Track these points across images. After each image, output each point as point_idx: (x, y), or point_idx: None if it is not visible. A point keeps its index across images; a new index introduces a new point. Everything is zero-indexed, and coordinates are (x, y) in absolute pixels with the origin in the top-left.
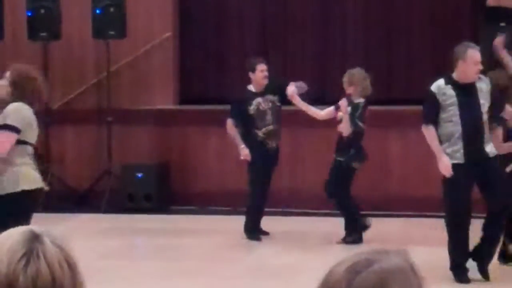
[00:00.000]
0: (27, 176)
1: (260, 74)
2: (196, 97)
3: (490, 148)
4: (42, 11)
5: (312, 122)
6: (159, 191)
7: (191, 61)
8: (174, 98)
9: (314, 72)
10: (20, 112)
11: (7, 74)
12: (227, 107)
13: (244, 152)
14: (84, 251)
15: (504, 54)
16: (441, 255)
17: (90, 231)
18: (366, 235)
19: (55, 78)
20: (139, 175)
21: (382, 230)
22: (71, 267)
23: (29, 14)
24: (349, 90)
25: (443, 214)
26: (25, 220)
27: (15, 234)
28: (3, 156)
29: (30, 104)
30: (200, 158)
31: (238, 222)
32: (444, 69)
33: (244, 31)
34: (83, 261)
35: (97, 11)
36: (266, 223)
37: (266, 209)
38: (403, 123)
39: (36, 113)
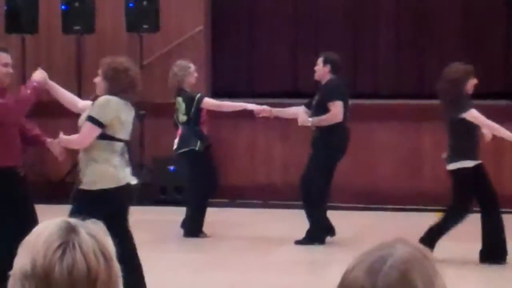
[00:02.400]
0: (105, 175)
1: None
2: (228, 90)
3: None
4: (77, 4)
5: None
6: None
7: (223, 54)
8: (205, 91)
9: (345, 67)
10: (108, 106)
11: (99, 70)
12: (258, 100)
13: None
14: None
15: None
16: (471, 250)
17: None
18: (397, 231)
19: (88, 71)
20: (171, 168)
21: (414, 225)
22: (107, 258)
23: (64, 8)
24: None
25: (474, 208)
26: (103, 217)
27: (51, 225)
28: (84, 148)
29: (126, 96)
30: (231, 151)
31: (267, 215)
32: (477, 62)
33: (275, 25)
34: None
35: (130, 5)
36: (297, 216)
37: (295, 203)
38: (435, 117)
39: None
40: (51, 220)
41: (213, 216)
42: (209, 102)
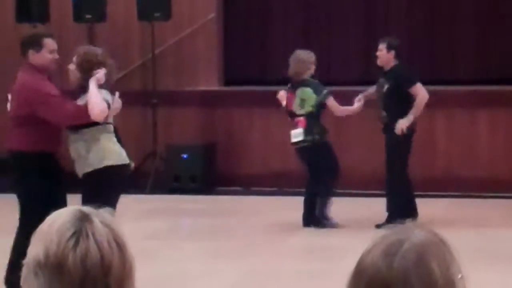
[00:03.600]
0: (111, 152)
1: None
2: (240, 78)
3: None
4: None
5: None
6: (204, 172)
7: (235, 42)
8: (218, 79)
9: (357, 52)
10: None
11: (74, 58)
12: (271, 88)
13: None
14: (129, 231)
15: None
16: (485, 236)
17: (135, 212)
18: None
19: None
20: (184, 156)
21: (428, 211)
22: (120, 246)
23: None
24: None
25: (488, 194)
26: (113, 195)
27: (65, 213)
28: (74, 138)
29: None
30: (245, 139)
31: (282, 202)
32: (488, 48)
33: (287, 12)
34: (128, 241)
35: None
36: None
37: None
38: (448, 103)
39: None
40: (64, 208)
41: (228, 203)
42: (331, 103)
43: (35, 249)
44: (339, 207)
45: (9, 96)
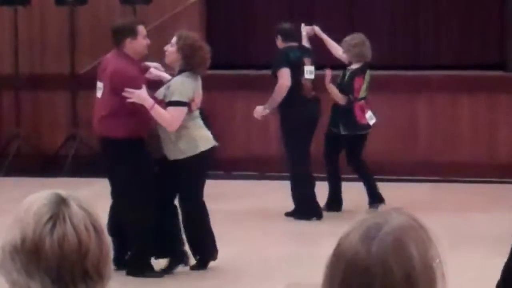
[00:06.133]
0: (202, 138)
1: None
2: (223, 62)
3: None
4: None
5: None
6: None
7: (218, 26)
8: None
9: (340, 36)
10: (184, 85)
11: (173, 39)
12: (254, 72)
13: None
14: None
15: None
16: (465, 220)
17: None
18: (392, 201)
19: (82, 43)
20: None
21: (409, 195)
22: (97, 230)
23: None
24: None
25: (469, 179)
26: (204, 178)
27: (42, 197)
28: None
29: (195, 71)
30: (227, 123)
31: (265, 187)
32: (472, 33)
33: None
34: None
35: None
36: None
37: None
38: (431, 88)
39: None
40: (41, 192)
41: (209, 188)
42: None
43: (12, 233)
44: (320, 192)
45: (98, 84)
